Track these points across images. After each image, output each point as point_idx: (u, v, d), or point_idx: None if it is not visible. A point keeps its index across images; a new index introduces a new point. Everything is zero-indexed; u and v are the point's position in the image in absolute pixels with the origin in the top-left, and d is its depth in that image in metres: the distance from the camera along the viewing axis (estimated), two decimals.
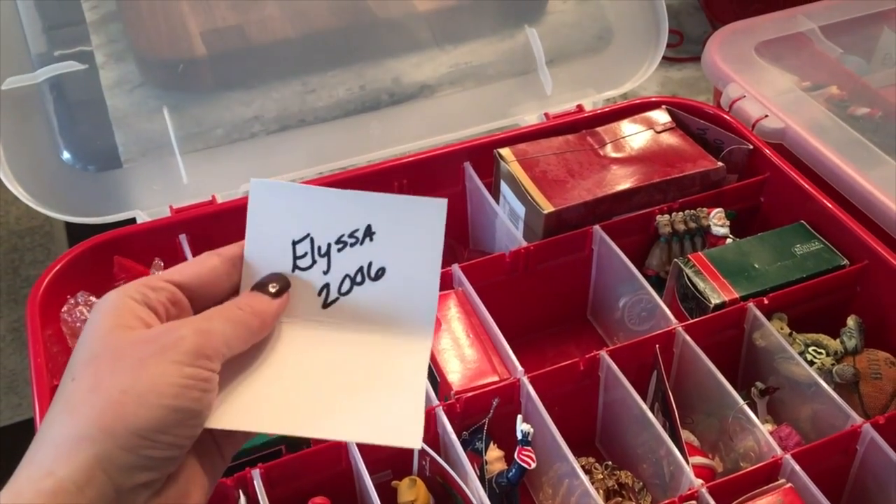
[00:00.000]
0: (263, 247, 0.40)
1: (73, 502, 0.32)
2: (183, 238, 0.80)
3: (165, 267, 0.78)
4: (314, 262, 0.40)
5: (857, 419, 0.65)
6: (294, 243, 0.40)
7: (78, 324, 0.71)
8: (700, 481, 0.62)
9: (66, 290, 0.74)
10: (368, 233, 0.40)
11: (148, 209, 0.82)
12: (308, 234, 0.40)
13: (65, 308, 0.72)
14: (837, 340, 0.74)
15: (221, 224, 0.81)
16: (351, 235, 0.40)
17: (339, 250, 0.40)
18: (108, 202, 0.82)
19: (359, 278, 0.41)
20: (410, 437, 0.39)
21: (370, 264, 0.41)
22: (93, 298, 0.73)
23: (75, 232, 0.78)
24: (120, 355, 0.35)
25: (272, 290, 0.40)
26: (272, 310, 0.40)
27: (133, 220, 0.83)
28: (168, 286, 0.39)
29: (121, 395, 0.34)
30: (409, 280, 0.41)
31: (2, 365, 1.62)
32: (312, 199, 0.40)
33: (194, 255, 0.79)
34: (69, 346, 0.72)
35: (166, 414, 0.34)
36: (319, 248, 0.40)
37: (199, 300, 0.40)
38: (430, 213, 0.41)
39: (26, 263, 1.86)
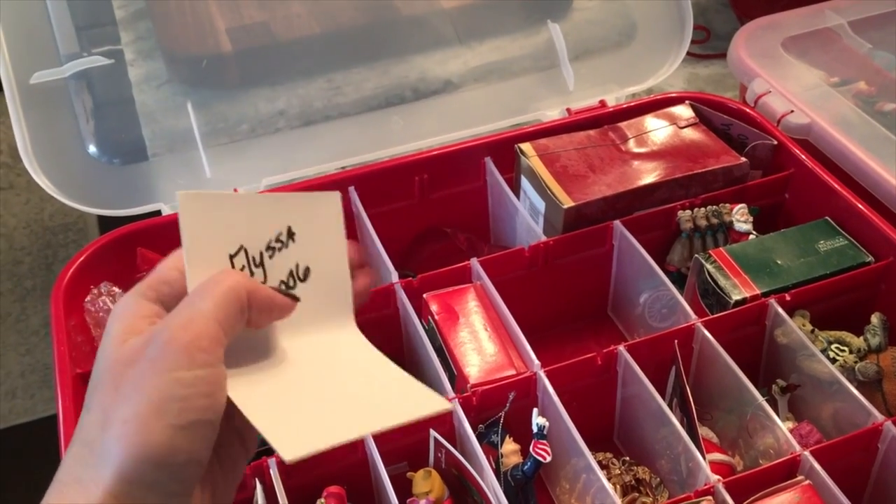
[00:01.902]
0: (204, 267, 0.38)
1: None
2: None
3: None
4: (252, 274, 0.39)
5: (879, 417, 0.64)
6: (231, 258, 0.39)
7: (101, 313, 0.72)
8: (717, 477, 0.61)
9: (91, 281, 0.75)
10: (290, 234, 0.40)
11: (172, 202, 0.84)
12: (241, 247, 0.39)
13: (88, 298, 0.73)
14: (861, 338, 0.73)
15: None
16: (277, 240, 0.40)
17: (270, 257, 0.40)
18: (133, 195, 0.84)
19: (291, 282, 0.40)
20: (435, 402, 0.39)
21: (297, 266, 0.40)
22: (115, 289, 0.74)
23: (107, 228, 0.79)
24: (119, 382, 0.33)
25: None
26: (247, 278, 0.37)
27: (158, 213, 0.84)
28: (181, 277, 0.37)
29: (124, 426, 0.32)
30: (328, 274, 0.41)
31: (36, 359, 1.65)
32: (238, 207, 0.39)
33: None
34: (93, 336, 0.74)
35: (173, 434, 0.32)
36: (254, 258, 0.39)
37: None
38: (327, 206, 0.41)
39: (60, 260, 1.90)
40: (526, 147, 0.85)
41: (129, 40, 1.02)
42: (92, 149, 0.86)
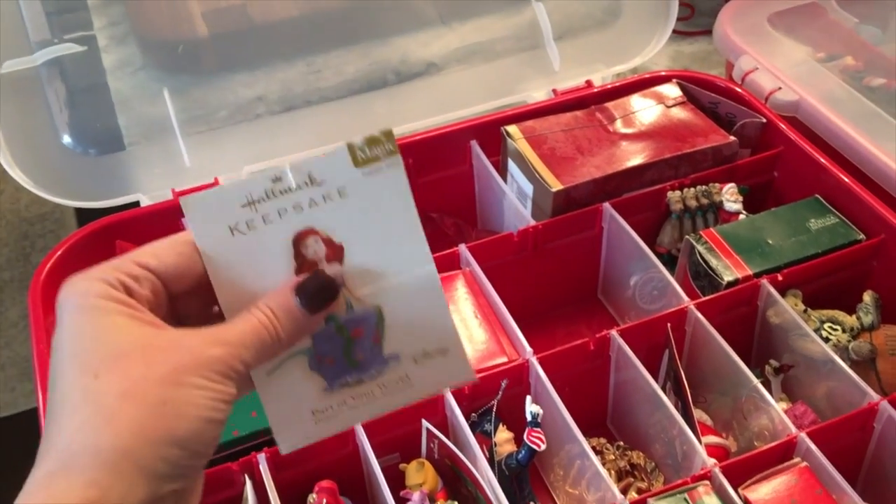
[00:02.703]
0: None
1: None
2: (185, 222, 0.79)
3: None
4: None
5: (875, 396, 0.63)
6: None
7: None
8: (713, 461, 0.61)
9: (69, 275, 0.73)
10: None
11: (150, 192, 0.82)
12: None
13: None
14: (853, 316, 0.73)
15: None
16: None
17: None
18: (110, 186, 0.81)
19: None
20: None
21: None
22: None
23: (85, 218, 0.77)
24: (151, 360, 0.34)
25: (304, 301, 0.37)
26: (301, 327, 0.37)
27: (137, 204, 0.82)
28: (150, 276, 0.37)
29: (161, 407, 0.33)
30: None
31: (15, 352, 1.63)
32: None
33: None
34: None
35: (203, 426, 0.34)
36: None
37: (173, 288, 0.37)
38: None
39: (37, 251, 1.86)
40: (512, 129, 0.84)
41: (101, 25, 0.99)
42: (66, 139, 0.83)
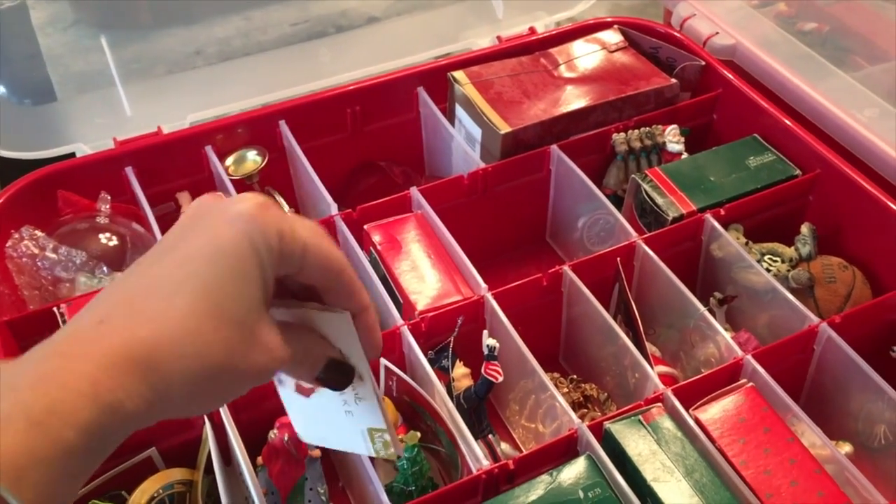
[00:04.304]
0: None
1: None
2: (129, 171, 0.77)
3: (113, 201, 0.75)
4: None
5: (815, 319, 0.66)
6: None
7: (24, 258, 0.68)
8: (664, 386, 0.63)
9: (11, 226, 0.71)
10: None
11: (91, 142, 0.79)
12: None
13: (9, 243, 0.69)
14: (792, 248, 0.75)
15: (169, 156, 0.79)
16: None
17: None
18: (48, 136, 0.79)
19: None
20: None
21: None
22: (38, 233, 0.70)
23: (5, 169, 0.74)
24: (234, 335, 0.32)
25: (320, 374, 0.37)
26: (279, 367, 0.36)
27: (73, 155, 0.80)
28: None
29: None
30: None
31: None
32: None
33: (142, 187, 0.76)
34: (16, 284, 0.70)
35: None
36: None
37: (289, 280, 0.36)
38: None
39: None
40: (459, 75, 0.84)
41: None
42: (1, 89, 0.80)
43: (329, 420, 0.41)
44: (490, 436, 0.66)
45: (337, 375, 0.38)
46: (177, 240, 0.33)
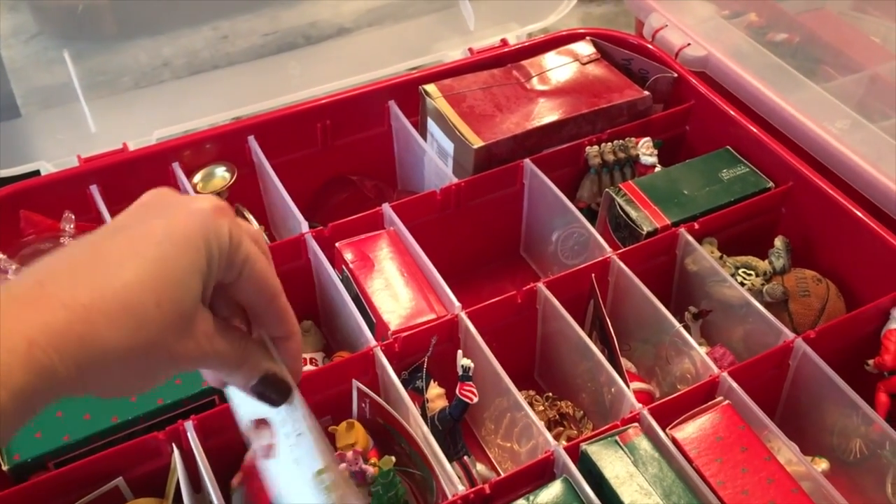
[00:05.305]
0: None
1: None
2: (94, 189, 0.75)
3: (78, 220, 0.74)
4: None
5: (790, 335, 0.66)
6: None
7: None
8: (641, 405, 0.62)
9: None
10: None
11: (54, 160, 0.77)
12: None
13: None
14: (766, 261, 0.75)
15: (135, 173, 0.77)
16: None
17: None
18: (10, 154, 0.77)
19: None
20: None
21: None
22: (0, 255, 0.68)
23: None
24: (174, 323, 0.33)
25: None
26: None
27: (38, 173, 0.78)
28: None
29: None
30: None
31: None
32: None
33: (107, 205, 0.75)
34: None
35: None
36: None
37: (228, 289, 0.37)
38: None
39: None
40: (431, 88, 0.83)
41: None
42: None
43: (288, 484, 0.40)
44: (465, 457, 0.65)
45: (272, 392, 0.38)
46: (132, 220, 0.34)
